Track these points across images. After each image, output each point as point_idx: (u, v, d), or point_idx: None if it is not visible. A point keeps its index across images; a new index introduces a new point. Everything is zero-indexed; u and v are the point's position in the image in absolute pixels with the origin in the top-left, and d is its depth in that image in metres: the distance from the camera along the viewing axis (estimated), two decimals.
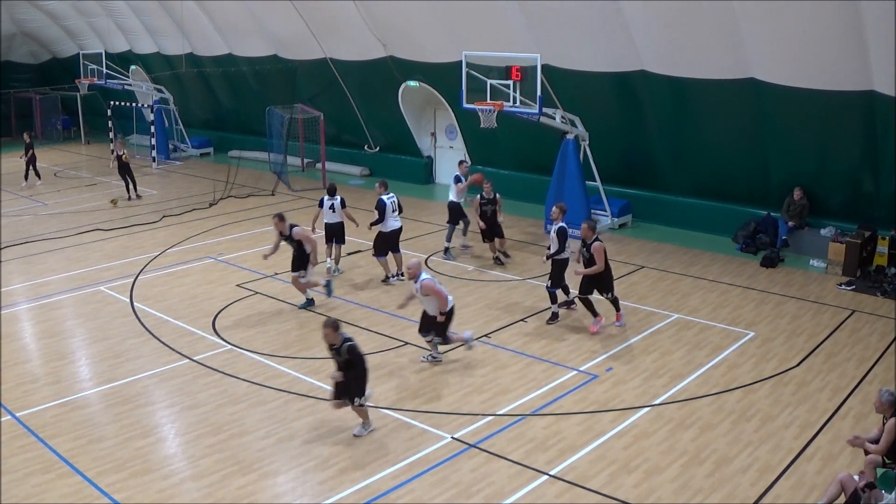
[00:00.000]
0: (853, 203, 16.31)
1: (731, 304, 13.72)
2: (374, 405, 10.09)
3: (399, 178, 23.34)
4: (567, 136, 17.92)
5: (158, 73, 30.54)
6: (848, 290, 14.46)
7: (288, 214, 20.13)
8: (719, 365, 11.28)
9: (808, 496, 8.12)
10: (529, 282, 14.94)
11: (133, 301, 14.04)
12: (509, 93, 16.38)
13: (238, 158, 27.41)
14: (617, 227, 18.76)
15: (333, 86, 24.61)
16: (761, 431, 9.43)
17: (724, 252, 16.79)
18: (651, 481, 8.43)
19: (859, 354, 11.61)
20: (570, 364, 11.30)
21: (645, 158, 19.02)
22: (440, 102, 22.70)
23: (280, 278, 15.14)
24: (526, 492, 8.26)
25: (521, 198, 21.11)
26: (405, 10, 20.34)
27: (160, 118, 28.98)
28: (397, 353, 11.75)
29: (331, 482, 8.47)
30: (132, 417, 9.88)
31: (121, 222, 19.65)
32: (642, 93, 17.95)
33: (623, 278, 15.05)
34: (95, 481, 8.47)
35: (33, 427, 9.61)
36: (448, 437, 9.35)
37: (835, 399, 10.23)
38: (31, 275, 15.61)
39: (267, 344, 12.11)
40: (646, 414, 9.85)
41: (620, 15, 16.56)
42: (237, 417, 9.86)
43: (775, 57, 15.17)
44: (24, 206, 21.81)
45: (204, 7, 25.88)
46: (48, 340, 12.43)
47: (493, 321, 12.94)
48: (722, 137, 17.37)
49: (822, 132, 15.87)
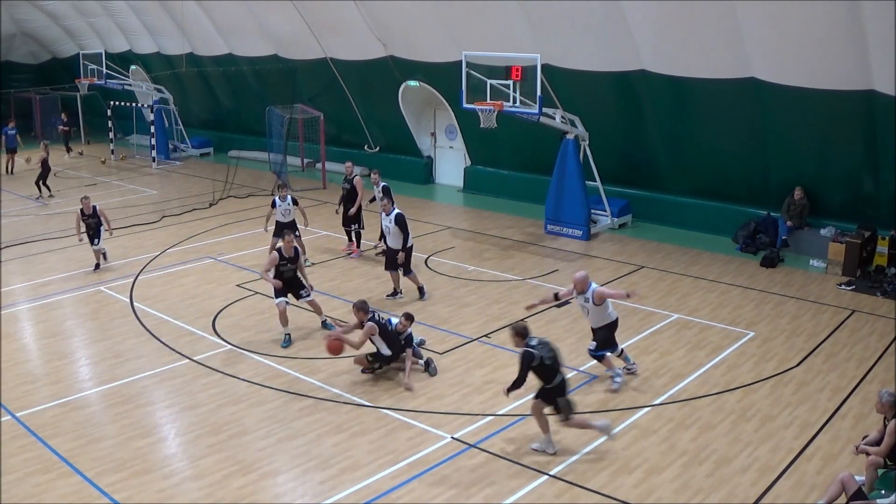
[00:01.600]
0: (853, 203, 16.31)
1: (731, 304, 13.72)
2: (375, 405, 10.10)
3: (399, 178, 23.33)
4: (567, 136, 17.91)
5: (158, 73, 30.53)
6: (848, 290, 14.46)
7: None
8: (719, 365, 11.28)
9: (808, 496, 8.12)
10: (529, 282, 14.93)
11: (133, 301, 14.04)
12: (509, 93, 16.38)
13: (238, 158, 27.41)
14: (617, 227, 18.76)
15: (333, 86, 24.61)
16: (761, 431, 9.43)
17: (724, 252, 16.79)
18: (651, 481, 8.43)
19: (859, 354, 11.61)
20: (570, 364, 11.28)
21: (645, 158, 19.02)
22: (440, 102, 22.70)
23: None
24: (526, 492, 8.26)
25: (521, 198, 21.14)
26: (405, 10, 20.35)
27: (160, 118, 28.98)
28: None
29: (331, 482, 8.47)
30: (132, 417, 9.88)
31: (121, 222, 19.64)
32: (642, 92, 17.96)
33: (623, 278, 15.06)
34: (95, 481, 8.47)
35: (33, 427, 9.61)
36: (448, 437, 9.35)
37: (835, 399, 10.23)
38: (31, 275, 15.61)
39: (267, 344, 12.11)
40: (646, 414, 9.85)
41: (620, 15, 16.56)
42: (237, 417, 9.86)
43: (775, 56, 15.18)
44: (24, 206, 21.81)
45: (204, 7, 25.88)
46: (48, 340, 12.43)
47: (493, 321, 12.94)
48: (722, 137, 17.37)
49: (822, 132, 15.88)
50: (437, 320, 13.03)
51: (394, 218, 13.52)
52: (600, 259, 16.40)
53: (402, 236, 13.54)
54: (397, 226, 13.49)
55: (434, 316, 13.21)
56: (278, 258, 12.07)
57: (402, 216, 13.61)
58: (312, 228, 18.56)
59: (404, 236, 13.56)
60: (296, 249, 12.33)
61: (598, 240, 17.86)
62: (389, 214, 13.60)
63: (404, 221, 13.58)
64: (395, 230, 13.53)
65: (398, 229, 13.51)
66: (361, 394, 10.46)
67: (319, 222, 19.38)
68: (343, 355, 11.14)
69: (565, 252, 16.92)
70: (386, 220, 13.72)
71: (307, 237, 16.74)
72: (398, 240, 13.57)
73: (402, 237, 13.54)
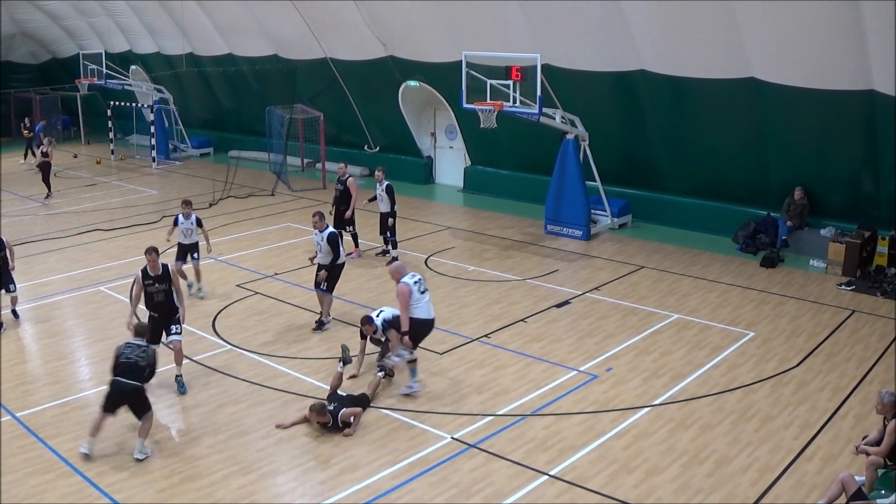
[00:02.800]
0: (853, 203, 16.31)
1: (731, 304, 13.72)
2: (375, 405, 10.10)
3: (399, 179, 23.31)
4: (567, 136, 17.91)
5: (158, 73, 30.53)
6: (848, 290, 14.46)
7: (287, 214, 20.42)
8: (719, 365, 11.28)
9: (808, 496, 8.11)
10: (529, 282, 14.93)
11: None
12: (509, 93, 16.37)
13: (238, 158, 27.41)
14: (617, 227, 18.76)
15: (333, 86, 24.61)
16: (761, 431, 9.43)
17: (724, 252, 16.79)
18: (651, 481, 8.43)
19: (859, 354, 11.61)
20: (570, 364, 11.30)
21: (645, 158, 19.02)
22: (440, 102, 22.70)
23: (280, 279, 15.14)
24: (526, 492, 8.26)
25: (521, 198, 21.13)
26: (405, 10, 20.35)
27: (160, 118, 28.98)
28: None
29: (331, 482, 8.47)
30: (132, 417, 9.85)
31: (121, 222, 19.66)
32: (642, 92, 17.96)
33: (623, 278, 15.06)
34: (95, 481, 8.47)
35: (33, 427, 9.61)
36: (448, 437, 9.35)
37: (835, 399, 10.23)
38: (31, 275, 15.60)
39: (267, 344, 12.11)
40: (646, 414, 9.84)
41: (620, 15, 16.56)
42: (237, 417, 9.85)
43: (775, 56, 15.18)
44: (24, 206, 21.81)
45: (204, 7, 25.88)
46: (48, 340, 12.43)
47: (493, 321, 12.94)
48: (722, 137, 17.37)
49: (822, 132, 15.87)
50: (437, 320, 12.99)
51: (326, 236, 12.38)
52: (600, 259, 16.41)
53: (332, 254, 12.46)
54: (328, 244, 12.37)
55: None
56: (141, 278, 10.38)
57: (334, 235, 12.59)
58: (312, 228, 18.51)
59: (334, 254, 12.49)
60: (164, 267, 10.46)
61: (598, 240, 17.87)
62: (322, 231, 12.43)
63: (336, 240, 12.57)
64: (327, 248, 12.39)
65: (329, 248, 12.39)
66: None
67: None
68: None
69: (565, 252, 16.92)
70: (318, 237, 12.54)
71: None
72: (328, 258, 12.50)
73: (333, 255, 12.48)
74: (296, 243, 17.62)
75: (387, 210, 16.04)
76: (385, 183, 16.01)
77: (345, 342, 10.83)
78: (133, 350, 9.14)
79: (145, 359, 9.08)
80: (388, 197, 15.99)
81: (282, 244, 17.54)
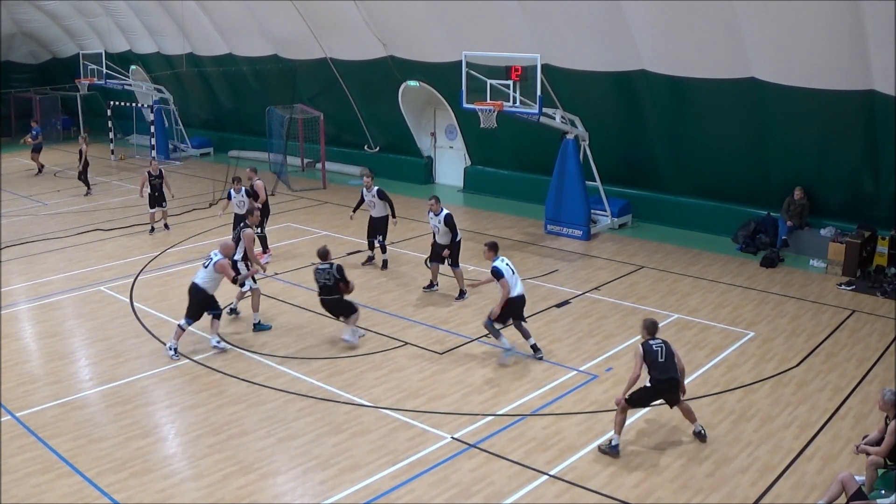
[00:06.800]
0: (853, 203, 16.31)
1: (731, 304, 13.72)
2: (375, 405, 10.11)
3: (399, 179, 23.37)
4: (567, 136, 17.91)
5: (158, 73, 30.53)
6: (848, 290, 14.46)
7: (287, 214, 20.41)
8: (719, 365, 11.28)
9: (808, 496, 8.12)
10: (529, 282, 14.91)
11: (133, 301, 14.03)
12: (509, 93, 16.37)
13: (238, 158, 27.40)
14: (617, 227, 18.76)
15: (333, 86, 24.61)
16: (761, 431, 9.43)
17: (724, 252, 16.79)
18: (651, 481, 8.43)
19: (859, 354, 11.61)
20: (570, 364, 11.31)
21: (645, 158, 19.02)
22: (440, 102, 22.70)
23: (280, 279, 15.14)
24: (526, 492, 8.26)
25: (521, 198, 21.13)
26: (405, 10, 20.34)
27: (160, 118, 28.98)
28: (397, 353, 11.76)
29: (331, 482, 8.47)
30: (132, 417, 9.89)
31: (121, 222, 19.65)
32: (642, 92, 17.95)
33: (623, 278, 15.06)
34: (95, 481, 8.48)
35: (33, 427, 9.61)
36: (448, 437, 9.35)
37: (835, 399, 10.23)
38: (31, 275, 15.60)
39: (267, 344, 12.11)
40: (646, 414, 9.84)
41: (620, 15, 16.56)
42: (237, 417, 9.86)
43: (775, 56, 15.17)
44: (24, 206, 21.81)
45: (204, 7, 25.88)
46: (48, 340, 12.43)
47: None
48: (722, 137, 17.37)
49: (822, 132, 15.87)
50: (437, 320, 13.03)
51: (443, 218, 13.94)
52: (600, 259, 16.41)
53: (450, 234, 14.03)
54: (446, 226, 13.96)
55: (434, 316, 13.22)
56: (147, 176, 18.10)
57: (450, 216, 14.02)
58: (312, 228, 18.66)
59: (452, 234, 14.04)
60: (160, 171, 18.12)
61: (598, 240, 17.87)
62: (438, 215, 14.00)
63: (453, 221, 14.03)
64: (444, 229, 14.01)
65: (446, 228, 14.00)
66: (361, 394, 10.46)
67: (319, 223, 19.40)
68: (343, 355, 11.16)
69: (565, 252, 16.92)
70: (434, 221, 14.11)
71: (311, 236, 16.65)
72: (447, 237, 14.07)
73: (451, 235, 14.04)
74: (296, 243, 17.62)
75: (381, 215, 15.68)
76: (375, 188, 15.58)
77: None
78: (321, 274, 11.72)
79: (331, 278, 11.63)
80: (380, 202, 15.61)
81: (282, 244, 17.53)
